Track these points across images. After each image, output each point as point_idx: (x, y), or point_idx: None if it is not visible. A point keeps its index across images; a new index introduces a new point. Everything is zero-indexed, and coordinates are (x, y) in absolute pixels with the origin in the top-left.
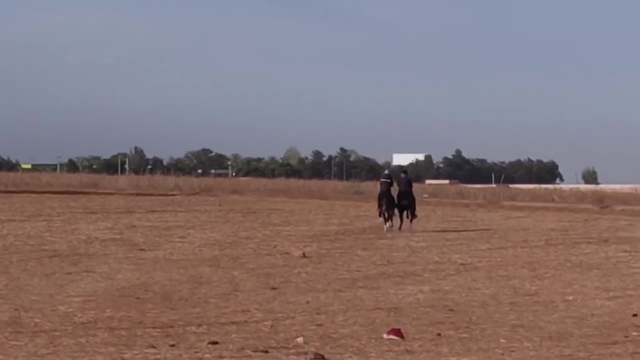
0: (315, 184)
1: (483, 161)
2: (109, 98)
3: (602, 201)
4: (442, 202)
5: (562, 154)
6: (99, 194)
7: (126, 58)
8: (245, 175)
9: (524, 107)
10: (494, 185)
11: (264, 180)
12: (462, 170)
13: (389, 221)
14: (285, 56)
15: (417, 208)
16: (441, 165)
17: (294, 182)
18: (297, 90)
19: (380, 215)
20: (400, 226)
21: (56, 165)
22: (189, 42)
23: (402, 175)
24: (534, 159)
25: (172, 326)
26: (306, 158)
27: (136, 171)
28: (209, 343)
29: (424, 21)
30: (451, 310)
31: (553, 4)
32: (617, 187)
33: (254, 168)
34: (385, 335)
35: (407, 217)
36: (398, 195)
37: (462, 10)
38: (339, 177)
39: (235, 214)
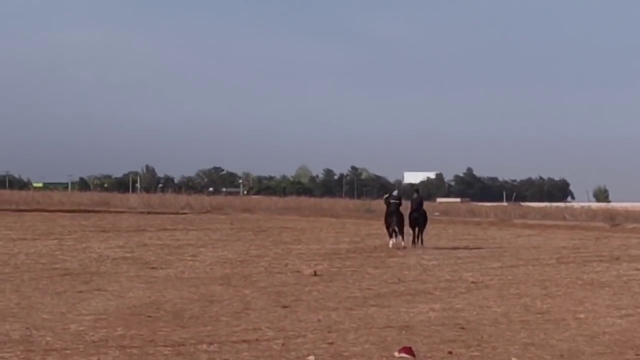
0: (326, 202)
1: (494, 179)
2: (120, 116)
3: (614, 219)
4: (454, 220)
5: (574, 172)
6: (111, 212)
7: (138, 76)
8: (257, 193)
9: (534, 124)
10: (505, 204)
11: (275, 199)
12: (473, 188)
13: (397, 236)
14: (296, 74)
15: (428, 227)
16: (452, 183)
17: (305, 200)
18: (308, 108)
19: (390, 237)
20: (413, 240)
21: (67, 183)
22: (200, 60)
23: (415, 195)
24: (545, 177)
25: (183, 344)
26: (317, 176)
27: (147, 189)
28: None
29: (436, 39)
30: (462, 328)
31: (564, 22)
32: (629, 205)
33: (265, 186)
34: (396, 354)
35: (418, 235)
36: (410, 214)
37: (473, 28)
38: (350, 195)
39: (246, 232)
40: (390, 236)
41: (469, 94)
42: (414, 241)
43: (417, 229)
